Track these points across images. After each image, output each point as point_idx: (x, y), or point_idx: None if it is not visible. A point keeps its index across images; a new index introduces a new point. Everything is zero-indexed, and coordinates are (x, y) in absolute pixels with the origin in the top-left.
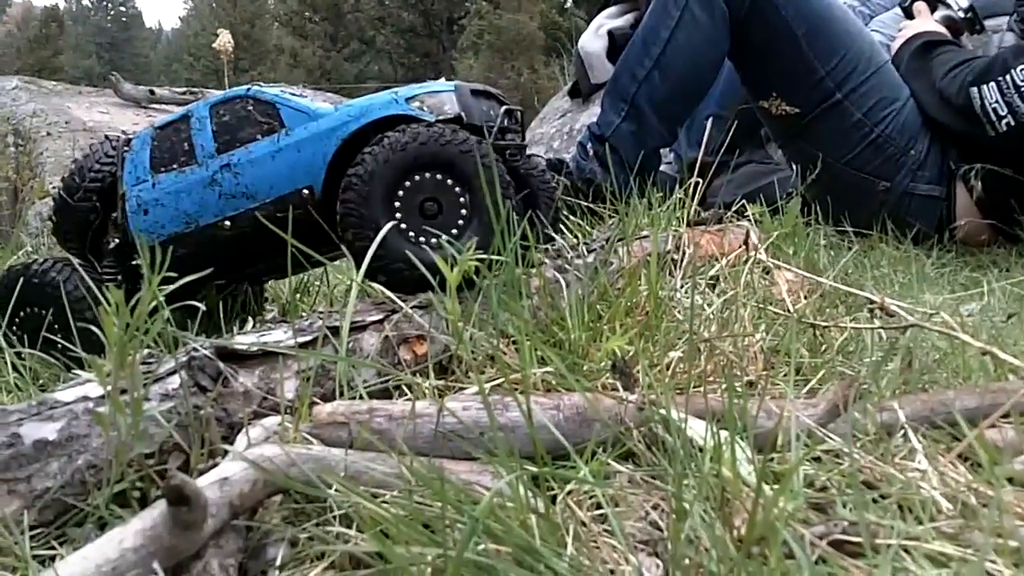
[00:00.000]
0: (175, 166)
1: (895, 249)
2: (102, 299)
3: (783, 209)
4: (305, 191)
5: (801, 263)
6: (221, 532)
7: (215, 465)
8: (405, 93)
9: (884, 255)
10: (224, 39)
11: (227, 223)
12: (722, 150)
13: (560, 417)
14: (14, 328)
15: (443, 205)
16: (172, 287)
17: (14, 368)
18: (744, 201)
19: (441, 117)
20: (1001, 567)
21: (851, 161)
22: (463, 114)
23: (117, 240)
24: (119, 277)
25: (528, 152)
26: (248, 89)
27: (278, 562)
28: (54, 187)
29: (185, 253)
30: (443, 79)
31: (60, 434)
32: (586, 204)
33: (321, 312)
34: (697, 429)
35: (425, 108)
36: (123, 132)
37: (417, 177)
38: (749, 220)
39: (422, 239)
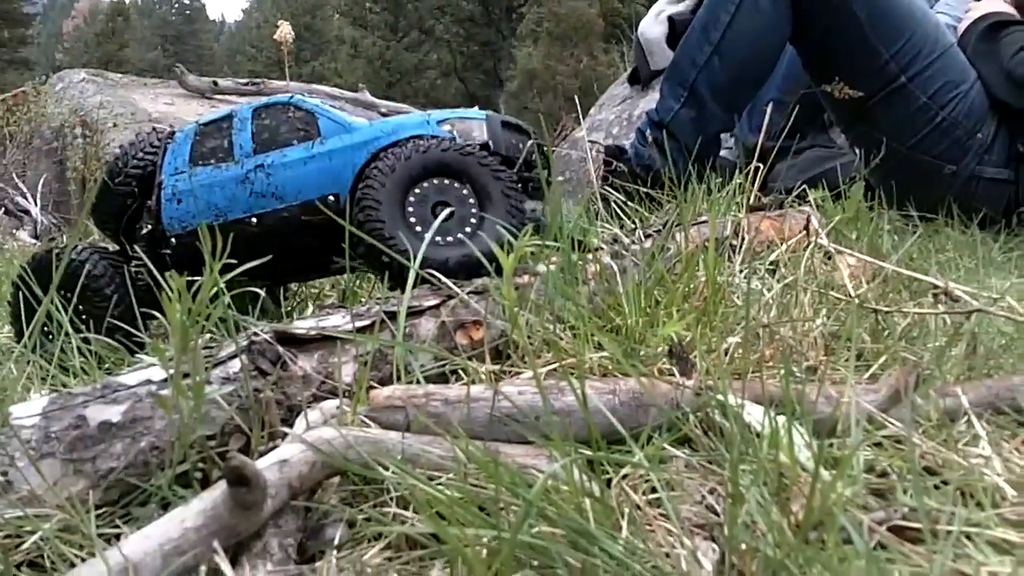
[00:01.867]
0: (213, 161)
1: (960, 234)
2: (129, 287)
3: (846, 194)
4: (331, 198)
5: (864, 248)
6: (280, 512)
7: (275, 447)
8: (437, 116)
9: (949, 239)
10: (284, 30)
11: (254, 220)
12: (783, 135)
13: (616, 402)
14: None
15: (454, 208)
16: (231, 275)
17: (79, 352)
18: (806, 186)
19: (469, 143)
20: None
21: (916, 145)
22: (491, 142)
23: (149, 226)
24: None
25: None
26: (291, 97)
27: (336, 542)
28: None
29: (211, 246)
30: (476, 108)
31: (124, 416)
32: (644, 191)
33: (379, 298)
34: (755, 414)
35: (455, 132)
36: (171, 125)
37: (425, 184)
38: (810, 205)
39: (438, 239)
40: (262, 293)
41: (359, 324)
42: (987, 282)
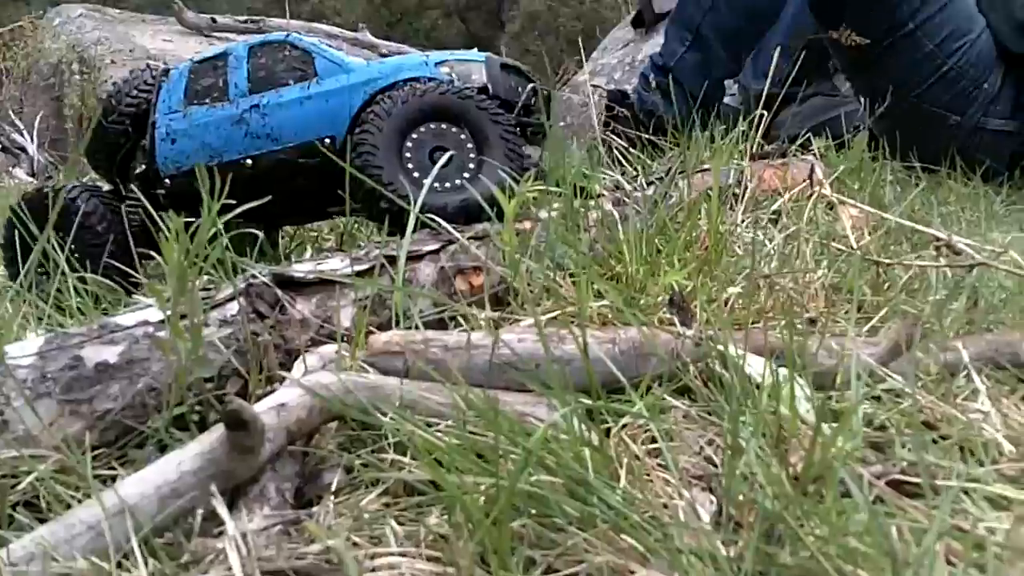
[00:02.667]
0: (207, 101)
1: (963, 186)
2: (123, 226)
3: (849, 143)
4: (328, 140)
5: (866, 199)
6: (278, 457)
7: (272, 391)
8: (436, 58)
9: (952, 192)
10: None
11: (249, 162)
12: (789, 82)
13: (616, 351)
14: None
15: (453, 153)
16: (228, 216)
17: (75, 292)
18: (810, 134)
19: (467, 85)
20: None
21: (921, 94)
22: (490, 85)
23: (143, 166)
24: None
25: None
26: (287, 35)
27: (333, 488)
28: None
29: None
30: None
31: (121, 357)
32: (647, 136)
33: (378, 242)
34: (755, 366)
35: (454, 74)
36: (166, 62)
37: (423, 128)
38: (814, 154)
39: (436, 185)
40: (260, 235)
41: (358, 268)
42: (989, 236)
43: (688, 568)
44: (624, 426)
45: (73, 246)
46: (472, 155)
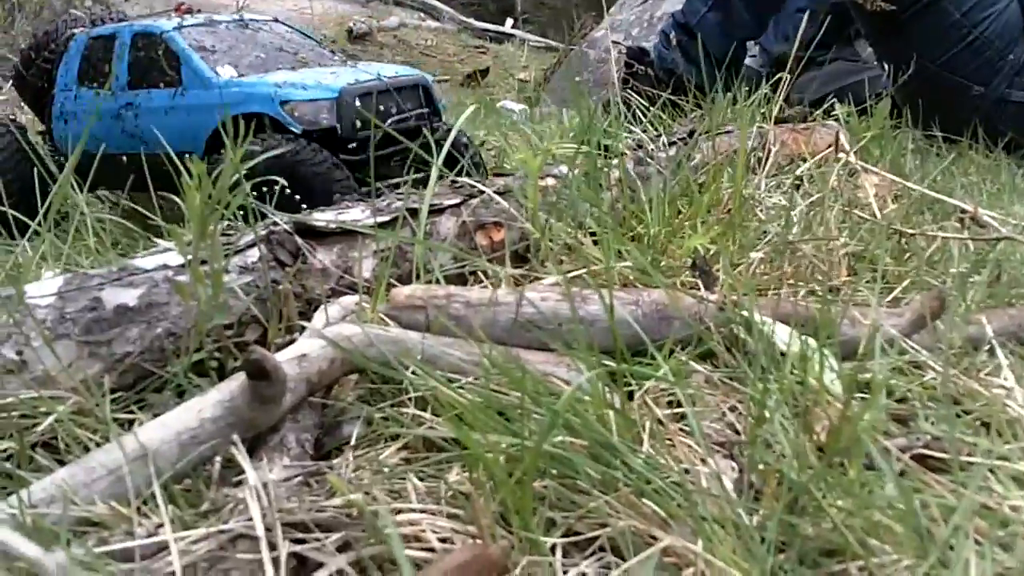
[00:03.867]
0: (95, 85)
1: (985, 157)
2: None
3: (871, 110)
4: (187, 155)
5: (887, 166)
6: (298, 407)
7: (292, 340)
8: (284, 95)
9: (973, 163)
10: None
11: (124, 159)
12: (811, 46)
13: (639, 313)
14: None
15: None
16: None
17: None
18: (833, 99)
19: (311, 127)
20: None
21: (946, 63)
22: (338, 126)
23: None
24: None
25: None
26: (163, 31)
27: (353, 440)
28: None
29: (95, 171)
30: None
31: (140, 300)
32: (667, 96)
33: (400, 193)
34: (780, 334)
35: (296, 114)
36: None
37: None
38: (837, 120)
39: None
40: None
41: (380, 219)
42: (1011, 208)
43: (711, 535)
44: (646, 390)
45: None
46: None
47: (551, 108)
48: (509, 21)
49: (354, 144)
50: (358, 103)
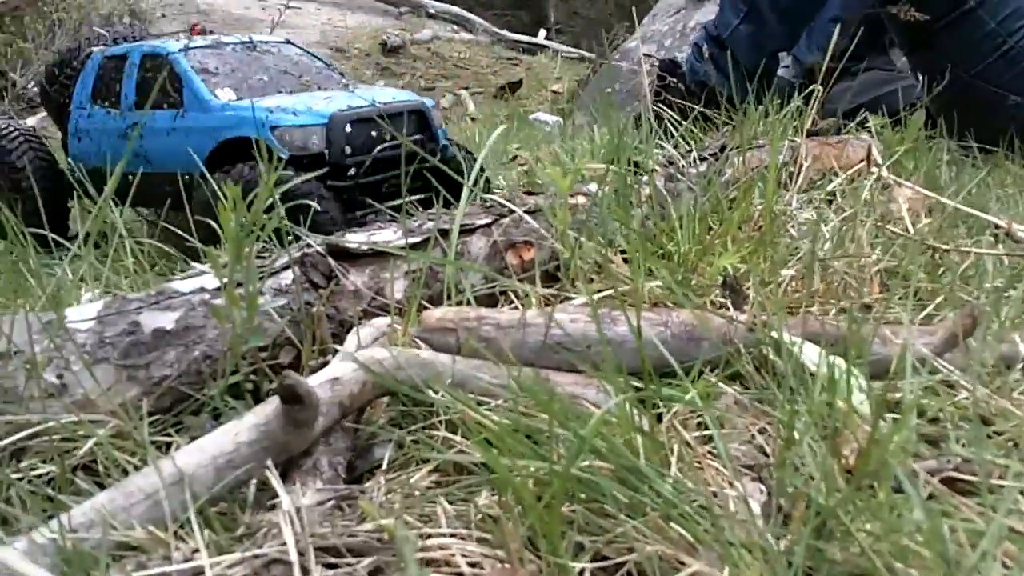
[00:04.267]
0: (107, 104)
1: (1022, 168)
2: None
3: (905, 121)
4: (186, 176)
5: (921, 179)
6: (331, 431)
7: (325, 363)
8: (274, 120)
9: (1010, 174)
10: None
11: (131, 177)
12: (846, 56)
13: (668, 334)
14: None
15: None
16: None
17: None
18: (866, 110)
19: (300, 153)
20: None
21: (980, 73)
22: (327, 152)
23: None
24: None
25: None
26: (169, 53)
27: (385, 464)
28: None
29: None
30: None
31: (178, 324)
32: (699, 108)
33: (432, 213)
34: (809, 355)
35: (286, 139)
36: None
37: None
38: (870, 132)
39: None
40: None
41: (411, 240)
42: None
43: (738, 561)
44: (675, 412)
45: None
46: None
47: (584, 120)
48: (542, 32)
49: (352, 170)
50: (349, 128)
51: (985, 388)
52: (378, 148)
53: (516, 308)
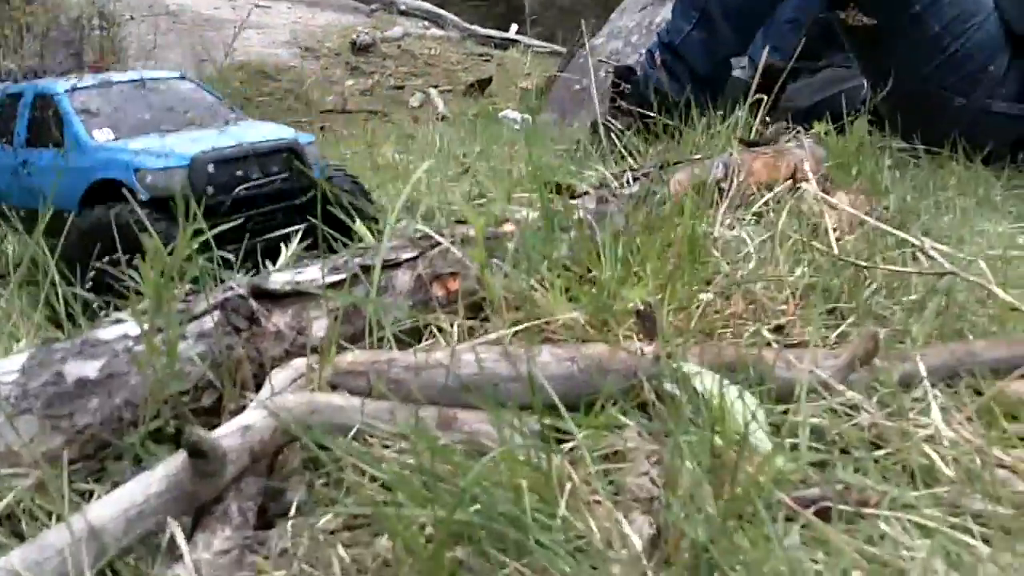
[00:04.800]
0: (3, 140)
1: (965, 169)
2: None
3: (850, 127)
4: (67, 214)
5: (864, 184)
6: (242, 475)
7: (244, 406)
8: (138, 163)
9: (954, 174)
10: None
11: (22, 212)
12: (794, 56)
13: (575, 368)
14: None
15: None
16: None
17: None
18: (826, 106)
19: (162, 194)
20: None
21: (928, 75)
22: (188, 192)
23: None
24: None
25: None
26: (56, 94)
27: (292, 509)
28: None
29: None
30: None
31: (101, 372)
32: (651, 117)
33: (360, 247)
34: (707, 383)
35: (148, 182)
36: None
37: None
38: (813, 139)
39: None
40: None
41: (333, 279)
42: (979, 227)
43: None
44: (574, 448)
45: None
46: None
47: (552, 118)
48: (513, 27)
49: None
50: (212, 169)
51: (885, 408)
52: (239, 188)
53: (435, 343)
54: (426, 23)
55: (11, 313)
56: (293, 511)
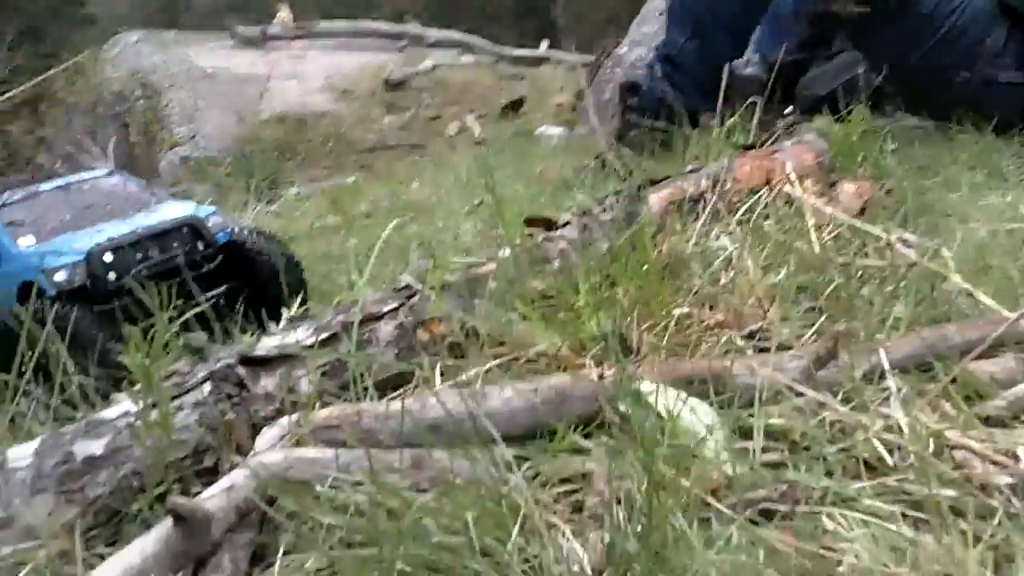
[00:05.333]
0: None
1: (975, 142)
2: None
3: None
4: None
5: (868, 170)
6: (237, 526)
7: (237, 466)
8: (45, 263)
9: (964, 147)
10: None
11: None
12: (810, 45)
13: (537, 400)
14: None
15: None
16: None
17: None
18: (844, 90)
19: (67, 288)
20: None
21: (925, 55)
22: (88, 282)
23: None
24: None
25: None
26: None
27: (280, 551)
28: (180, 136)
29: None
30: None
31: (107, 448)
32: (654, 131)
33: (343, 304)
34: (665, 399)
35: (53, 279)
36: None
37: None
38: (810, 137)
39: None
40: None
41: (319, 338)
42: (987, 199)
43: None
44: (537, 475)
45: None
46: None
47: (584, 130)
48: (544, 43)
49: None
50: (110, 258)
51: (845, 405)
52: (133, 271)
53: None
54: (456, 51)
55: None
56: (280, 555)
